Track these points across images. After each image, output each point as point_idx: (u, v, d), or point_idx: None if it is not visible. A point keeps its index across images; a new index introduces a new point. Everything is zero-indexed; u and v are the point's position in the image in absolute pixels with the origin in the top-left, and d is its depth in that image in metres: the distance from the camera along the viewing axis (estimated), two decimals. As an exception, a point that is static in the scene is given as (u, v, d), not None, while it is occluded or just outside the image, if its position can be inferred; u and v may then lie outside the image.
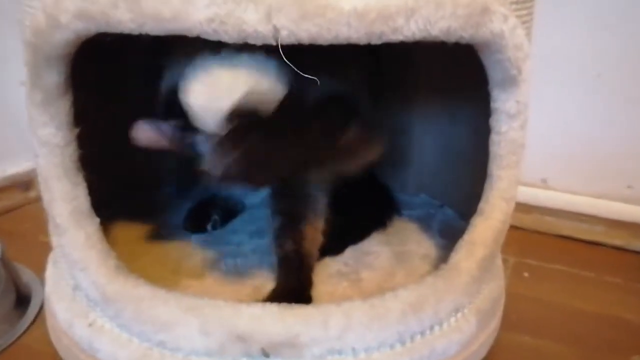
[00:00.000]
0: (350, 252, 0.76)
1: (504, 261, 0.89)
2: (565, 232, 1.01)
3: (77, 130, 0.56)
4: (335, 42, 0.45)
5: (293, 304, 0.55)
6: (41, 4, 0.48)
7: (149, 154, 0.61)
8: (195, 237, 0.80)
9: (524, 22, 0.56)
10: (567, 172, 1.01)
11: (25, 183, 1.05)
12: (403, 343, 0.57)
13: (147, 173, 0.89)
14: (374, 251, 0.77)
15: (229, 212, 0.85)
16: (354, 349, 0.55)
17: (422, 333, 0.59)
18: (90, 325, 0.59)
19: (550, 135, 1.00)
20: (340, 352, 0.55)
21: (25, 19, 0.53)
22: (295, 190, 0.75)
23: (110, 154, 0.69)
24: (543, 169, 1.03)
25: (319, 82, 0.49)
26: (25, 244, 0.91)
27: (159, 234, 0.81)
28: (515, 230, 1.01)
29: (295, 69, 0.47)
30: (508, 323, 0.74)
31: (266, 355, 0.53)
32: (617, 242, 0.98)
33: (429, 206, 0.90)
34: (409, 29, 0.46)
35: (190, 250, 0.77)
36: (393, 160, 0.95)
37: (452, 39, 0.49)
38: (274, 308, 0.54)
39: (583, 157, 0.99)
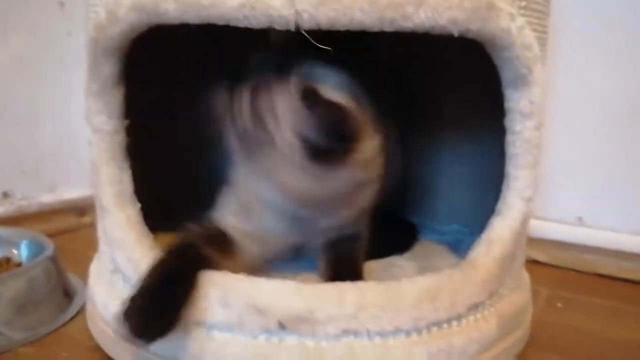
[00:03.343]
0: (375, 264, 0.78)
1: (537, 292, 0.88)
2: (605, 271, 0.99)
3: (127, 121, 0.63)
4: (351, 26, 0.51)
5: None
6: (103, 2, 0.57)
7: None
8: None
9: (534, 30, 0.61)
10: (603, 210, 1.01)
11: (80, 209, 1.13)
12: (419, 332, 0.58)
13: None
14: (400, 264, 0.78)
15: None
16: (368, 331, 0.56)
17: (439, 325, 0.59)
18: (124, 305, 0.63)
19: (585, 173, 1.01)
20: (355, 334, 0.56)
21: (90, 20, 0.61)
22: None
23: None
24: (578, 208, 1.03)
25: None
26: (75, 258, 0.96)
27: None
28: (551, 269, 1.01)
29: (317, 44, 0.52)
30: (537, 345, 0.73)
31: (282, 327, 0.55)
32: (661, 281, 0.95)
33: (459, 233, 0.91)
34: (419, 17, 0.51)
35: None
36: (423, 192, 0.98)
37: (460, 30, 0.53)
38: (292, 283, 0.56)
39: (619, 195, 0.99)
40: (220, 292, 0.56)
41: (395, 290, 0.57)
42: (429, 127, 0.95)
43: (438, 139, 0.96)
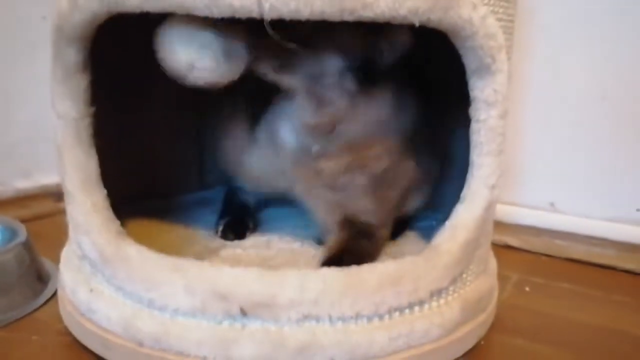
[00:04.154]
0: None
1: (506, 277, 0.90)
2: (576, 256, 1.00)
3: (92, 108, 0.63)
4: (312, 17, 0.51)
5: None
6: (65, -10, 0.57)
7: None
8: (200, 232, 0.85)
9: (499, 19, 0.61)
10: (575, 196, 1.02)
11: (57, 194, 1.12)
12: (381, 317, 0.59)
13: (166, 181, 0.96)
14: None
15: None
16: (330, 316, 0.57)
17: (401, 310, 0.60)
18: (91, 290, 0.64)
19: (558, 159, 1.02)
20: (317, 319, 0.57)
21: (55, 7, 0.61)
22: None
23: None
24: (550, 193, 1.04)
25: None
26: (52, 243, 0.96)
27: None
28: (523, 253, 1.02)
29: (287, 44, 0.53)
30: (502, 328, 0.74)
31: (244, 313, 0.56)
32: (630, 266, 0.96)
33: (431, 219, 0.92)
34: (379, 6, 0.51)
35: (193, 240, 0.82)
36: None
37: (421, 20, 0.53)
38: (254, 269, 0.57)
39: (591, 180, 1.00)
40: (184, 279, 0.57)
41: (356, 276, 0.58)
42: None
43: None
